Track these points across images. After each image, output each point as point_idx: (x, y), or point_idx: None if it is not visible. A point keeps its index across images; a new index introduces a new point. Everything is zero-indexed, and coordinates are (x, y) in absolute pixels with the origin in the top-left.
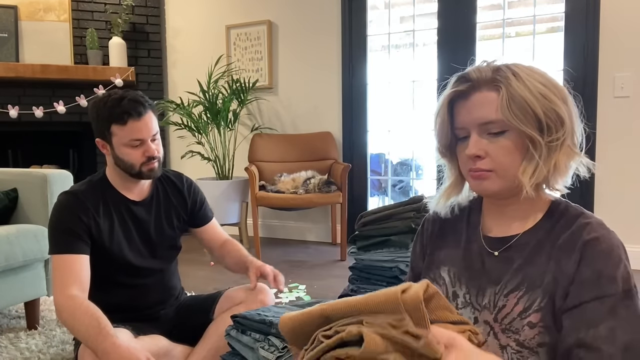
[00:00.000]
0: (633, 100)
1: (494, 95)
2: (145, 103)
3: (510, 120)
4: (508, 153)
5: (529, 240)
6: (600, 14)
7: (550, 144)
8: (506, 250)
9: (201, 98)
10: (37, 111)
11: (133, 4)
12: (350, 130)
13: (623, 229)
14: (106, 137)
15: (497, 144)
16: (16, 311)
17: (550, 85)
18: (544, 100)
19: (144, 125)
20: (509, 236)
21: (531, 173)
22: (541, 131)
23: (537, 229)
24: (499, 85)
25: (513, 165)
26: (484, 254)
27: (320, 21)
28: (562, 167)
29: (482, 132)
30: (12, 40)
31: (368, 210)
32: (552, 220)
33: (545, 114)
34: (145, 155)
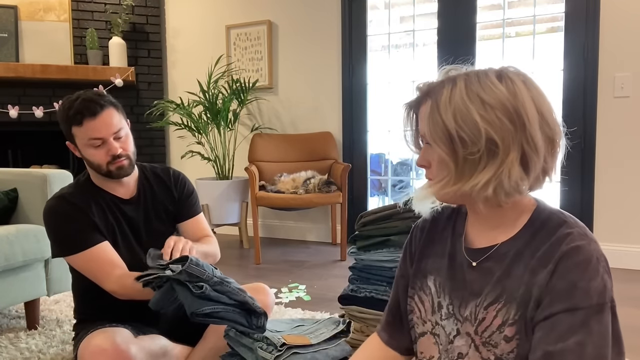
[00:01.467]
0: (633, 100)
1: (425, 108)
2: (101, 101)
3: (426, 134)
4: (437, 164)
5: (508, 250)
6: (600, 14)
7: (470, 157)
8: (485, 260)
9: (201, 98)
10: (37, 111)
11: (133, 4)
12: (350, 130)
13: (623, 229)
14: (72, 139)
15: (431, 155)
16: (16, 311)
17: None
18: (465, 113)
19: (102, 123)
20: (488, 246)
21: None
22: (454, 147)
23: (516, 238)
24: (429, 98)
25: (445, 176)
26: (465, 264)
27: (320, 21)
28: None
29: (425, 143)
30: (12, 40)
31: (368, 210)
32: (532, 230)
33: (459, 127)
34: (109, 154)
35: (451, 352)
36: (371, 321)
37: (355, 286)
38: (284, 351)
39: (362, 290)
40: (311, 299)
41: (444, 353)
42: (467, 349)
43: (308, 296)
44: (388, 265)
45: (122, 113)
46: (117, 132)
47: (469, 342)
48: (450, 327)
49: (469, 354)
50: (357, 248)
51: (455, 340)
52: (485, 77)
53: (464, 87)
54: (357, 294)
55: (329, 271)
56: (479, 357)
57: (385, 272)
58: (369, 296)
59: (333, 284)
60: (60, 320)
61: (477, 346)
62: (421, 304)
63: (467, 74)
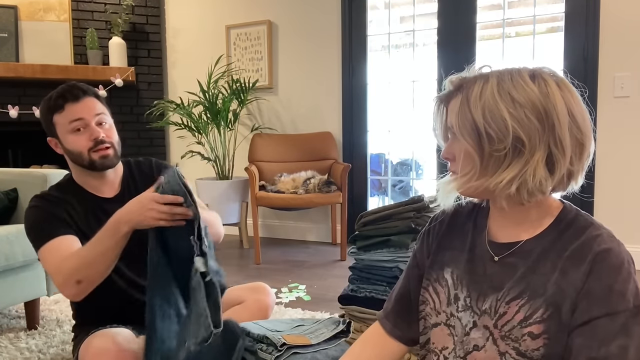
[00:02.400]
0: (633, 100)
1: (455, 102)
2: (84, 88)
3: (453, 128)
4: (464, 157)
5: (533, 248)
6: (600, 14)
7: (496, 154)
8: (508, 256)
9: (201, 98)
10: (37, 111)
11: (133, 4)
12: (350, 130)
13: (623, 229)
14: (53, 132)
15: (456, 148)
16: (16, 311)
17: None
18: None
19: (84, 106)
20: (513, 242)
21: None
22: (481, 142)
23: (543, 236)
24: (459, 92)
25: (469, 170)
26: (487, 258)
27: (320, 21)
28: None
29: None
30: (12, 40)
31: (368, 210)
32: (559, 229)
33: (487, 123)
34: (92, 139)
35: (466, 343)
36: (371, 321)
37: (355, 286)
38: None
39: (362, 290)
40: (311, 299)
41: (459, 344)
42: (483, 341)
43: (308, 296)
44: (388, 265)
45: (105, 106)
46: (99, 115)
47: (487, 334)
48: (466, 319)
49: (485, 347)
50: (357, 248)
51: (471, 333)
52: (518, 75)
53: (495, 84)
54: (357, 294)
55: (329, 271)
56: (495, 350)
57: (385, 272)
58: (369, 296)
59: (333, 284)
60: (60, 320)
61: (496, 339)
62: (436, 295)
63: (501, 72)
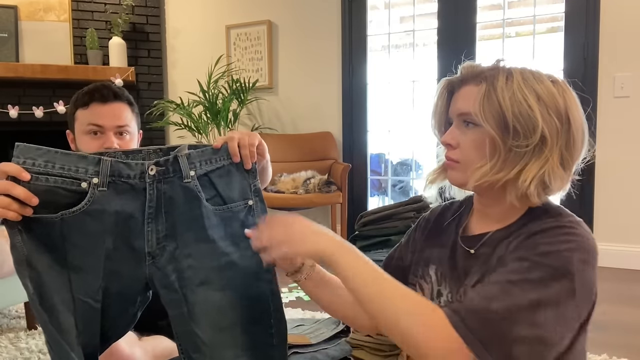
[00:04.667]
0: (633, 100)
1: (476, 89)
2: (117, 92)
3: (477, 115)
4: (475, 147)
5: (500, 236)
6: (600, 14)
7: (516, 149)
8: (481, 247)
9: (201, 98)
10: (37, 111)
11: (133, 4)
12: (350, 130)
13: (623, 229)
14: (72, 126)
15: (468, 136)
16: (16, 311)
17: (545, 94)
18: (521, 103)
19: (108, 111)
20: (484, 233)
21: (485, 170)
22: (506, 133)
23: (510, 226)
24: (482, 81)
25: (478, 159)
26: (462, 252)
27: (320, 21)
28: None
29: (460, 123)
30: (12, 40)
31: (368, 210)
32: (527, 219)
33: (514, 117)
34: (103, 147)
35: None
36: None
37: None
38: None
39: None
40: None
41: None
42: None
43: (308, 296)
44: None
45: (136, 116)
46: (122, 127)
47: None
48: None
49: None
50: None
51: None
52: (539, 74)
53: (521, 79)
54: None
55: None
56: None
57: None
58: None
59: None
60: None
61: None
62: (421, 291)
63: (522, 68)
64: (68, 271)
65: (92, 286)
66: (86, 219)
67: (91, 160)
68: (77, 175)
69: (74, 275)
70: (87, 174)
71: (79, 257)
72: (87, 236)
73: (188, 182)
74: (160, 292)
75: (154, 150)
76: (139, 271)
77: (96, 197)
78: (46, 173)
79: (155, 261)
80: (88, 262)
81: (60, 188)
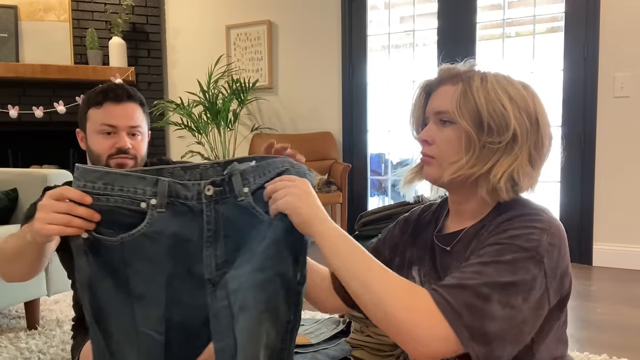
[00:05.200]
0: (633, 100)
1: (453, 89)
2: (130, 93)
3: (454, 112)
4: (450, 143)
5: (473, 232)
6: (600, 14)
7: (489, 145)
8: (456, 244)
9: (201, 98)
10: (37, 111)
11: (133, 4)
12: (350, 130)
13: (623, 229)
14: (83, 125)
15: (444, 133)
16: (16, 311)
17: (516, 95)
18: (495, 102)
19: (121, 111)
20: (458, 231)
21: (459, 165)
22: (480, 130)
23: (482, 220)
24: (459, 81)
25: (452, 155)
26: (440, 250)
27: (320, 21)
28: (498, 173)
29: (437, 121)
30: (12, 40)
31: (368, 210)
32: (496, 212)
33: (489, 114)
34: (116, 147)
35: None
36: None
37: None
38: None
39: None
40: None
41: None
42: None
43: None
44: None
45: (146, 116)
46: (135, 127)
47: None
48: None
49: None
50: None
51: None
52: (510, 79)
53: (495, 81)
54: None
55: None
56: None
57: None
58: None
59: None
60: (60, 320)
61: None
62: None
63: (496, 72)
64: (131, 300)
65: (155, 316)
66: (145, 243)
67: (149, 181)
68: (136, 197)
69: (137, 303)
70: (145, 195)
71: (141, 283)
72: (148, 261)
73: (242, 200)
74: (210, 322)
75: (211, 164)
76: (201, 299)
77: (155, 218)
78: (106, 194)
79: (216, 288)
80: (150, 290)
81: (121, 208)
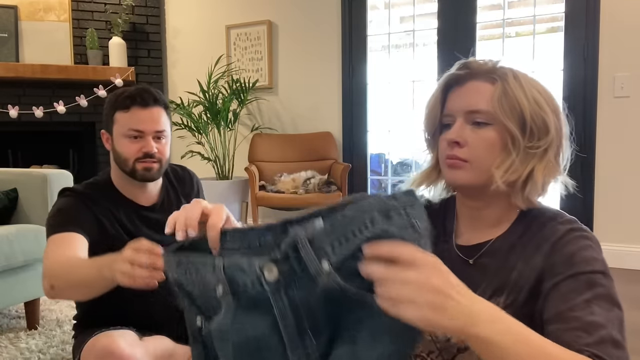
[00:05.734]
0: (633, 100)
1: (489, 86)
2: (157, 97)
3: (497, 113)
4: (487, 146)
5: (502, 245)
6: (600, 14)
7: (529, 149)
8: (481, 257)
9: (201, 98)
10: (37, 111)
11: (133, 4)
12: (350, 130)
13: (623, 229)
14: (109, 126)
15: (479, 134)
16: (16, 311)
17: (546, 95)
18: (535, 105)
19: (148, 116)
20: (482, 242)
21: (505, 169)
22: (523, 133)
23: (509, 232)
24: (496, 78)
25: (489, 159)
26: (460, 263)
27: (320, 21)
28: (538, 179)
29: (468, 121)
30: (12, 40)
31: None
32: (524, 223)
33: (532, 118)
34: (142, 151)
35: (451, 347)
36: None
37: None
38: None
39: None
40: None
41: (444, 350)
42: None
43: None
44: None
45: (169, 118)
46: (160, 132)
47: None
48: None
49: (469, 349)
50: None
51: (452, 338)
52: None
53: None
54: None
55: None
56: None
57: None
58: None
59: None
60: (60, 320)
61: None
62: None
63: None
64: None
65: None
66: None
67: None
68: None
69: None
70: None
71: None
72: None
73: (323, 280)
74: None
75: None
76: None
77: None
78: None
79: None
80: None
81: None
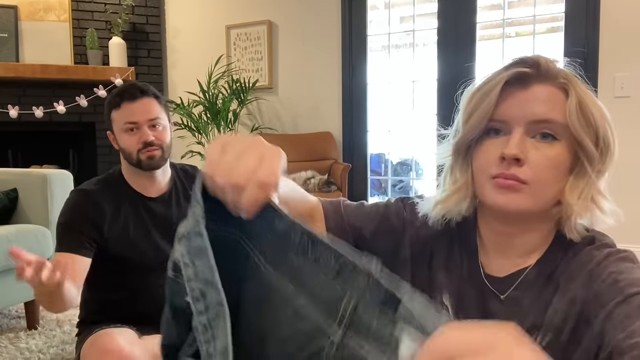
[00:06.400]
0: (633, 100)
1: (559, 93)
2: (144, 88)
3: (575, 129)
4: (553, 165)
5: (537, 275)
6: (600, 14)
7: (599, 173)
8: (513, 290)
9: (201, 98)
10: (37, 111)
11: (133, 4)
12: (350, 130)
13: (623, 229)
14: (111, 126)
15: (543, 151)
16: (16, 311)
17: (606, 111)
18: (604, 121)
19: (138, 107)
20: (514, 273)
21: (579, 192)
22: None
23: (544, 262)
24: (567, 84)
25: (551, 182)
26: (489, 295)
27: (320, 21)
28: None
29: (530, 132)
30: (12, 40)
31: None
32: (561, 251)
33: (603, 136)
34: (141, 141)
35: None
36: None
37: None
38: None
39: None
40: None
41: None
42: None
43: None
44: None
45: (164, 107)
46: (153, 120)
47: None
48: None
49: None
50: None
51: None
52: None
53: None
54: None
55: None
56: None
57: None
58: None
59: None
60: (60, 320)
61: None
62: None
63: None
64: None
65: None
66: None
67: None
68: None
69: None
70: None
71: None
72: None
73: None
74: None
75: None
76: None
77: None
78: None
79: None
80: None
81: None
